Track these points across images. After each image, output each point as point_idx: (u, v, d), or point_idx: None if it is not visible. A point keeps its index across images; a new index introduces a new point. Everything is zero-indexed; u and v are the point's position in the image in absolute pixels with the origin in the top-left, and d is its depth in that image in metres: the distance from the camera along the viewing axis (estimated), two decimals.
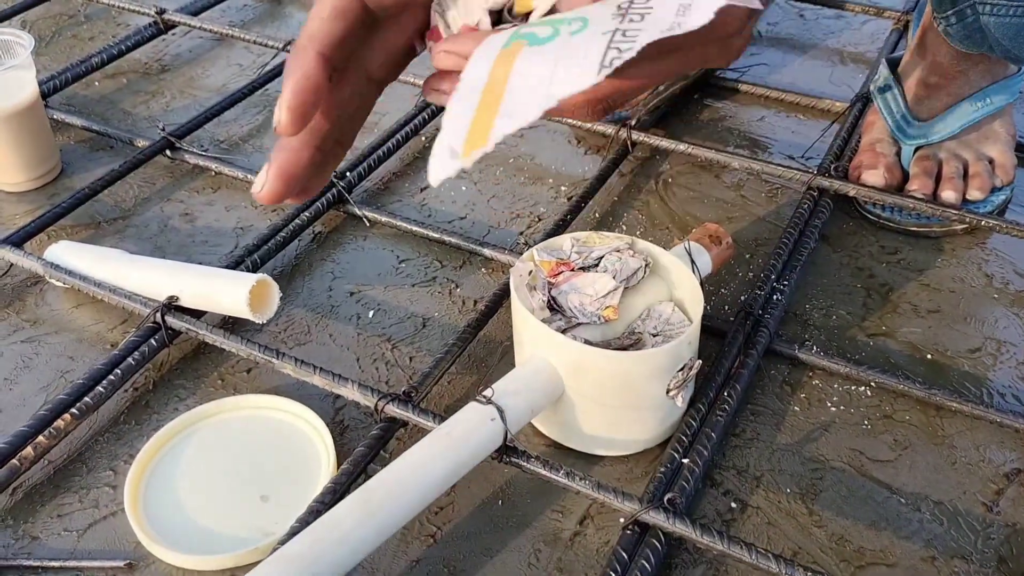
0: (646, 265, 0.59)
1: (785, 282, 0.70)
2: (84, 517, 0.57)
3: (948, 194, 0.76)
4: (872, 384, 0.64)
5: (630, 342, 0.56)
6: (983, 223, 0.74)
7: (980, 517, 0.56)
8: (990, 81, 0.77)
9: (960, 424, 0.62)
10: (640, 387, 0.55)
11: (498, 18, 0.38)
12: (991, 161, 0.79)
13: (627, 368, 0.54)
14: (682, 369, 0.56)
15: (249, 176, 0.83)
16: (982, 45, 0.71)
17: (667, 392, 0.56)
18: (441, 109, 0.95)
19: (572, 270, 0.59)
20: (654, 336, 0.57)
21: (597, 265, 0.60)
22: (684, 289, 0.60)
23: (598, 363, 0.54)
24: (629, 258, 0.59)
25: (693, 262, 0.62)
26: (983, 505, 0.57)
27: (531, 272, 0.59)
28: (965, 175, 0.78)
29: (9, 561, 0.54)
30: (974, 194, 0.76)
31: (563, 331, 0.56)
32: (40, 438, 0.58)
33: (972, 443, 0.61)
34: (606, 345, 0.56)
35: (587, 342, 0.55)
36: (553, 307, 0.57)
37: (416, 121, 0.88)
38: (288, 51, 0.96)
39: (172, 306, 0.66)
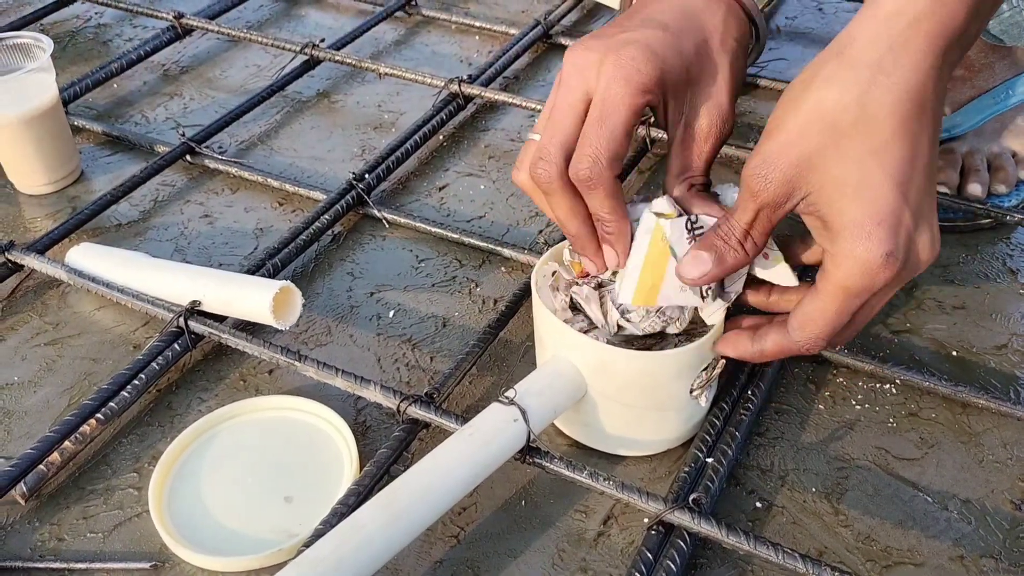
0: None
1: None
2: (109, 519, 0.57)
3: (974, 187, 0.75)
4: (897, 381, 0.64)
5: (653, 341, 0.56)
6: (1008, 218, 0.73)
7: (1009, 516, 0.56)
8: (1014, 74, 0.76)
9: (987, 421, 0.61)
10: (664, 387, 0.55)
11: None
12: (1014, 155, 0.78)
13: (650, 368, 0.54)
14: (706, 369, 0.55)
15: (269, 180, 0.83)
16: (1019, 39, 0.70)
17: (691, 392, 0.55)
18: (455, 113, 0.94)
19: (600, 285, 0.57)
20: (677, 336, 0.56)
21: None
22: None
23: (621, 363, 0.54)
24: None
25: None
26: (1011, 503, 0.57)
27: (554, 273, 0.58)
28: (989, 169, 0.77)
29: (35, 563, 0.54)
30: (999, 188, 0.75)
31: (585, 331, 0.55)
32: (66, 443, 0.59)
33: (1000, 441, 0.60)
34: (628, 345, 0.56)
35: (609, 342, 0.54)
36: (575, 307, 0.57)
37: (434, 121, 0.88)
38: (305, 54, 0.96)
39: (194, 311, 0.66)
